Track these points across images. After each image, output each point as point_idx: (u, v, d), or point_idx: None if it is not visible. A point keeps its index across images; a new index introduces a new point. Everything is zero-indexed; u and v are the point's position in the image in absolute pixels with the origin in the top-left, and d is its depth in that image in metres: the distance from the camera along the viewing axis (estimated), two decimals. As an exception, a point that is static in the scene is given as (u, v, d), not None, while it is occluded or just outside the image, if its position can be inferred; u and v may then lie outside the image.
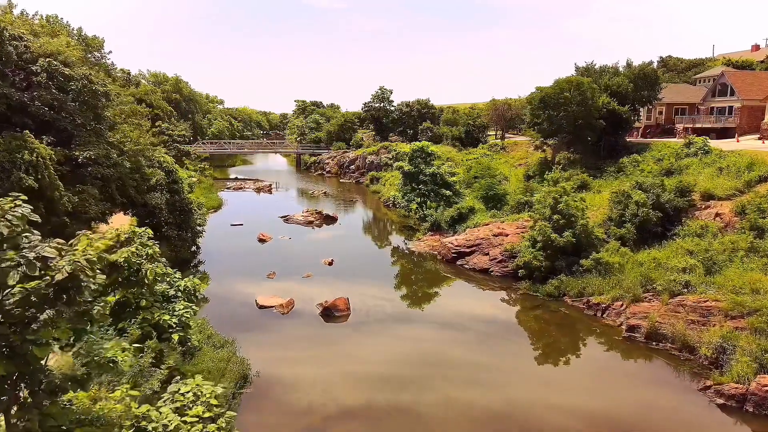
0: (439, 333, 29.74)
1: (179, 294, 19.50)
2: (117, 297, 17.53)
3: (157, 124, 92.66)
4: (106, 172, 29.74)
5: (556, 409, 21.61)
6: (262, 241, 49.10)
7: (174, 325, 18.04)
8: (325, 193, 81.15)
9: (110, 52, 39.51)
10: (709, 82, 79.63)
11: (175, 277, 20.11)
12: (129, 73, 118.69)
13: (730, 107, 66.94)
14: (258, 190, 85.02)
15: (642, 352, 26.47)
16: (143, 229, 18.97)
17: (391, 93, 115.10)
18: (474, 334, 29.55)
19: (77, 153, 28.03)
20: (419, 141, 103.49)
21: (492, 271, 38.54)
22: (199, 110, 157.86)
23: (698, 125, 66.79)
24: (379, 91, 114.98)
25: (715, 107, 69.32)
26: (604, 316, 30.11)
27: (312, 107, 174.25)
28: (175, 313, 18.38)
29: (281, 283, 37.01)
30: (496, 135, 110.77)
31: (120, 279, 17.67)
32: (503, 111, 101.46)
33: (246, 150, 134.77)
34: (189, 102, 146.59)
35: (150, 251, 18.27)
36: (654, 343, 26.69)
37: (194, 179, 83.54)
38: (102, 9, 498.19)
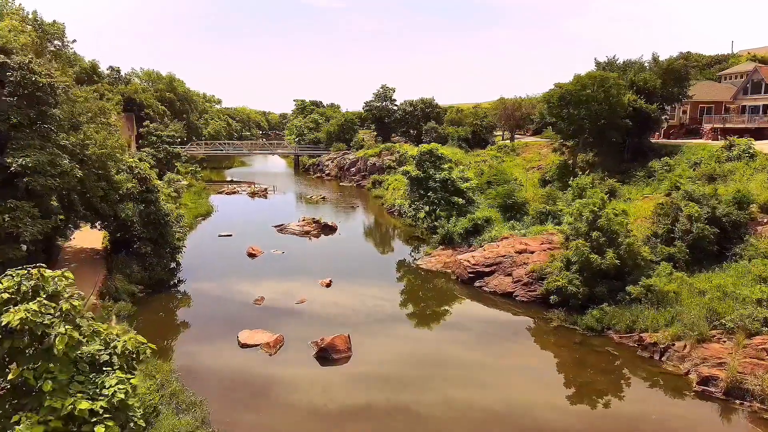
0: (439, 333, 29.85)
1: (115, 358, 13.97)
2: (11, 376, 12.07)
3: (144, 124, 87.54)
4: (50, 182, 24.20)
5: (554, 410, 21.27)
6: (251, 255, 43.58)
7: (101, 411, 12.53)
8: (323, 198, 75.65)
9: (74, 41, 33.95)
10: (736, 78, 74.11)
11: (111, 335, 14.58)
12: (119, 71, 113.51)
13: (765, 105, 61.52)
14: (252, 194, 79.46)
15: (722, 413, 20.94)
16: (60, 272, 13.46)
17: (394, 92, 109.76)
18: (474, 334, 29.25)
19: (9, 160, 22.53)
20: (423, 142, 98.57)
21: (517, 296, 33.02)
22: (194, 110, 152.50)
23: (729, 125, 61.26)
24: (381, 90, 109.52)
25: (748, 105, 63.91)
26: (664, 359, 24.53)
27: (311, 107, 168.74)
28: (104, 392, 12.86)
29: (270, 310, 31.51)
30: (503, 135, 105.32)
31: (18, 348, 12.23)
32: (512, 110, 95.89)
33: (242, 151, 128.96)
34: (184, 101, 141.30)
35: (66, 306, 12.78)
36: (737, 401, 21.15)
37: (184, 183, 78.15)
38: (101, 9, 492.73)
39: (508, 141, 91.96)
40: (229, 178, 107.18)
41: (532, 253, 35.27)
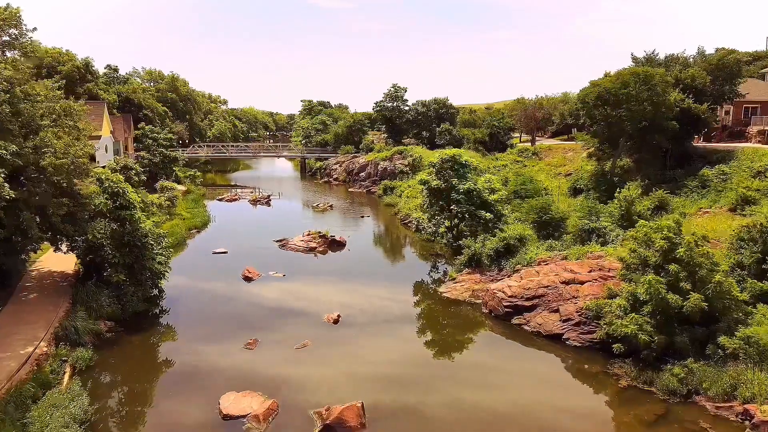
0: (445, 334, 29.82)
1: None
2: None
3: (139, 126, 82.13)
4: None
5: (562, 412, 21.19)
6: (247, 279, 37.71)
7: None
8: (330, 206, 69.72)
9: (35, 29, 28.35)
10: (785, 76, 67.53)
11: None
12: (117, 70, 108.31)
13: (825, 106, 55.05)
14: (254, 201, 73.64)
15: None
16: None
17: (406, 91, 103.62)
18: (480, 335, 29.26)
19: None
20: (437, 144, 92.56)
21: (567, 339, 26.91)
22: (198, 110, 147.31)
23: (783, 127, 54.75)
24: (392, 90, 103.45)
25: (803, 106, 57.42)
26: (785, 446, 18.41)
27: (319, 107, 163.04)
28: None
29: (263, 359, 25.58)
30: (520, 138, 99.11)
31: None
32: (533, 111, 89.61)
33: (245, 154, 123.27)
34: (186, 101, 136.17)
35: None
36: None
37: (181, 188, 72.54)
38: (106, 9, 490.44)
39: (528, 144, 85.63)
40: (233, 182, 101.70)
41: (582, 283, 29.15)
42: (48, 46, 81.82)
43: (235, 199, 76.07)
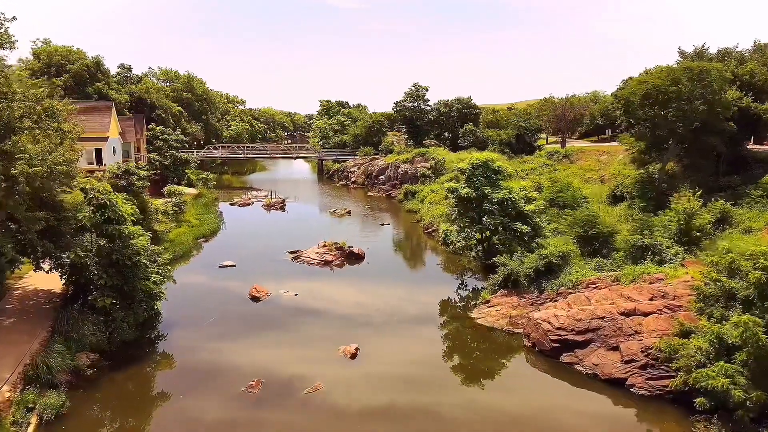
0: (461, 335, 29.36)
1: None
2: None
3: (150, 127, 79.11)
4: None
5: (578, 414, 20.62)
6: (255, 299, 33.75)
7: None
8: (348, 212, 65.62)
9: (14, 18, 24.69)
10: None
11: None
12: (130, 69, 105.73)
13: None
14: (268, 206, 69.87)
15: None
16: None
17: (427, 91, 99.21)
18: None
19: None
20: (460, 146, 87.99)
21: (632, 385, 22.35)
22: (214, 111, 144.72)
23: None
24: (413, 89, 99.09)
25: None
26: None
27: (337, 107, 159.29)
28: None
29: (267, 406, 21.38)
30: (547, 139, 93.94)
31: None
32: (563, 111, 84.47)
33: (261, 155, 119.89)
34: (202, 102, 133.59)
35: None
36: None
37: (192, 191, 69.26)
38: (122, 9, 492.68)
39: (557, 145, 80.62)
40: (248, 185, 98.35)
41: (645, 315, 24.54)
42: (58, 44, 79.38)
43: (249, 204, 72.40)
